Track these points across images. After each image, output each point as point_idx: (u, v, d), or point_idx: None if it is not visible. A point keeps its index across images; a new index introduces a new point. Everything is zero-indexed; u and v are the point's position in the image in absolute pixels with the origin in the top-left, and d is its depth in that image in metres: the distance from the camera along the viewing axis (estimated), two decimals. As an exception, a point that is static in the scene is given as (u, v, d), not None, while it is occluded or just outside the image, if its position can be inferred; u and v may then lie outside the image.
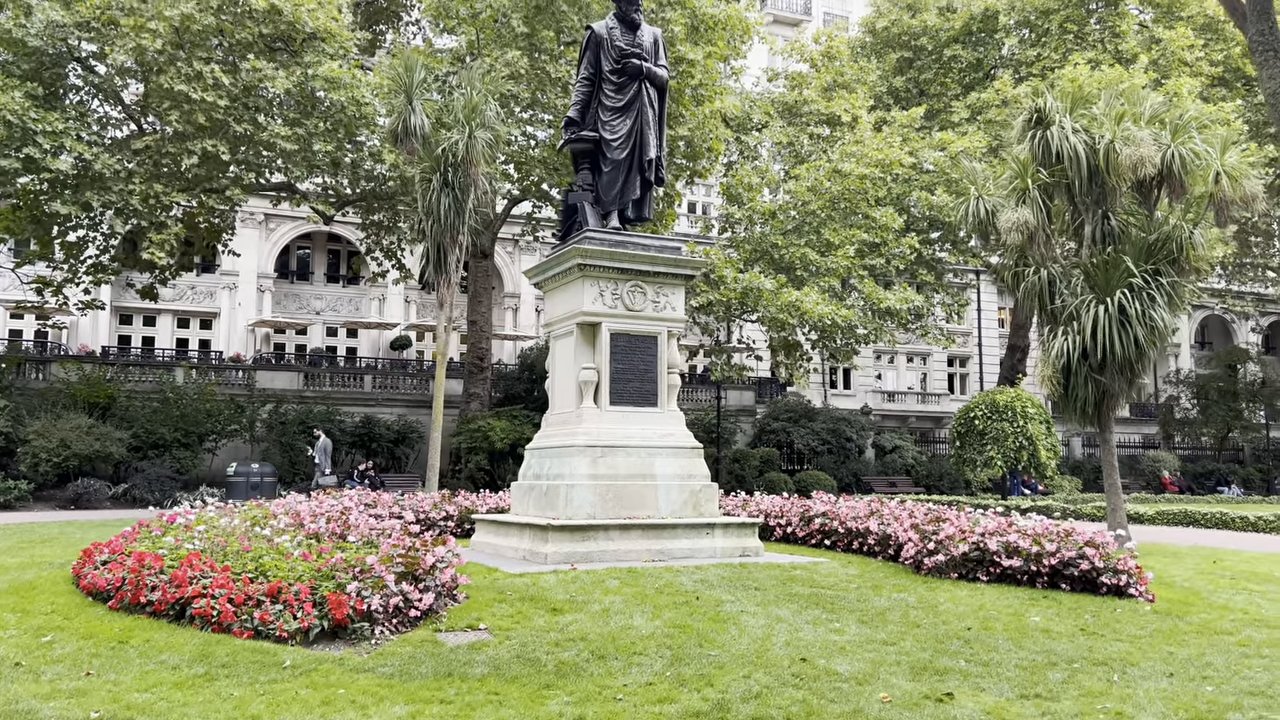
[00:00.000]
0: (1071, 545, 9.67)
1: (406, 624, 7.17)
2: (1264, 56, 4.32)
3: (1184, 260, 14.60)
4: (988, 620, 8.01)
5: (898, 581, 9.83)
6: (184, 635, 6.87)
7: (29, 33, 20.49)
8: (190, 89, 20.51)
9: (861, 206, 28.39)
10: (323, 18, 22.42)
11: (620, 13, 12.20)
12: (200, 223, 28.11)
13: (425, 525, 13.72)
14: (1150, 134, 14.42)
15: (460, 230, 18.83)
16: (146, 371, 31.88)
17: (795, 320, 26.00)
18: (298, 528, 8.88)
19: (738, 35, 24.79)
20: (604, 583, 9.01)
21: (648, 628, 7.35)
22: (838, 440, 37.11)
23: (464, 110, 18.30)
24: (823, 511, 13.19)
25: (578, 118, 12.19)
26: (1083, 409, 15.03)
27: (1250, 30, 4.28)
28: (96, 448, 23.94)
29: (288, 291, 43.54)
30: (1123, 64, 30.87)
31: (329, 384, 34.79)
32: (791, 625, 7.54)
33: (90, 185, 21.06)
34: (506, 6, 22.71)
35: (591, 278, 11.31)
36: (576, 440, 11.02)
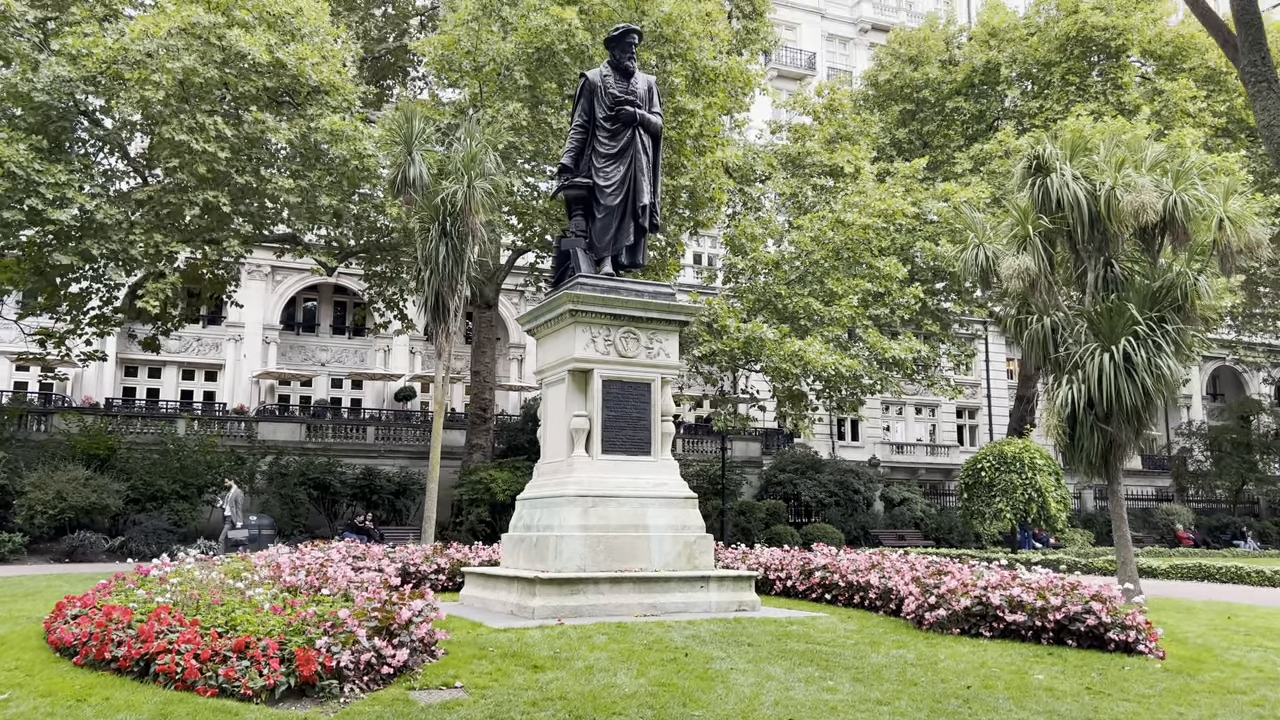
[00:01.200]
0: (1077, 599, 9.32)
1: (379, 681, 6.87)
2: (1257, 88, 4.22)
3: (1189, 308, 14.37)
4: (989, 678, 7.66)
5: (897, 637, 9.47)
6: (146, 693, 6.59)
7: (35, 87, 20.68)
8: (192, 140, 20.61)
9: (865, 256, 28.30)
10: (326, 71, 22.60)
11: (614, 60, 12.19)
12: (204, 274, 28.17)
13: (415, 578, 13.44)
14: (1151, 181, 14.28)
15: (459, 280, 18.72)
16: (148, 423, 31.74)
17: (798, 370, 25.75)
18: (275, 580, 8.61)
19: (739, 87, 24.90)
20: (591, 638, 8.69)
21: (631, 686, 7.03)
22: (845, 493, 36.64)
23: (463, 161, 18.31)
24: (823, 565, 12.85)
25: (571, 164, 12.12)
26: (1089, 460, 14.69)
27: (1242, 61, 4.20)
28: (93, 500, 23.71)
29: (293, 343, 43.52)
30: (1125, 115, 30.93)
31: (331, 435, 34.58)
32: (783, 684, 7.20)
33: (91, 235, 21.10)
34: (509, 59, 22.87)
35: (583, 324, 11.14)
36: (567, 490, 10.76)
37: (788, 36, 54.01)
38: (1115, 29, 31.60)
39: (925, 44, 35.29)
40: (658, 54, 23.12)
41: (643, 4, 23.08)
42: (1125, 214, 13.93)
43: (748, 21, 32.24)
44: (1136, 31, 31.77)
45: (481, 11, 23.13)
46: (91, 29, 21.27)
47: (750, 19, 32.34)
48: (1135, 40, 31.92)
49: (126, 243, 21.29)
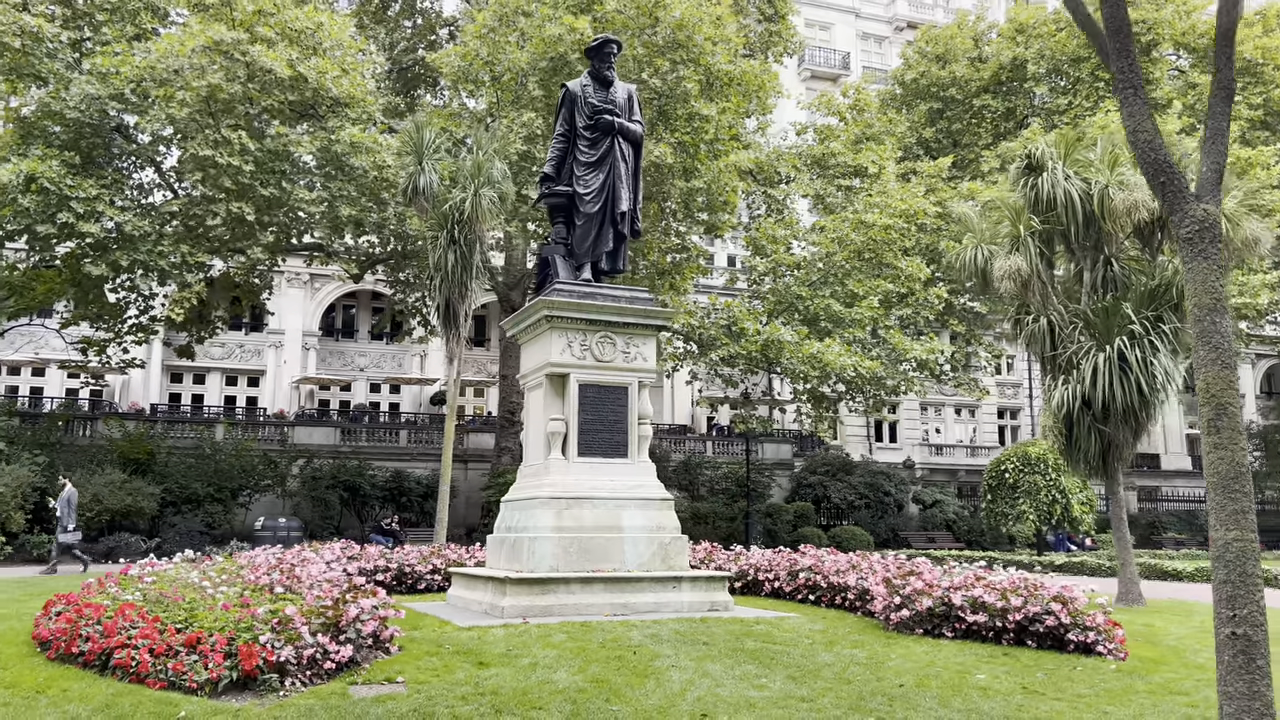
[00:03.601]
0: (1038, 601, 9.33)
1: (322, 676, 7.17)
2: (1124, 95, 4.21)
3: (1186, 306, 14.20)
4: (927, 678, 7.74)
5: (858, 637, 9.56)
6: (101, 686, 6.96)
7: (67, 105, 21.52)
8: (217, 154, 21.27)
9: (887, 257, 28.17)
10: (347, 84, 23.16)
11: (594, 70, 12.43)
12: (238, 281, 28.99)
13: (410, 579, 13.79)
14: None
15: (468, 286, 19.12)
16: (188, 428, 32.71)
17: (817, 372, 25.74)
18: (235, 578, 8.98)
19: (753, 90, 24.97)
20: (549, 637, 8.92)
21: (566, 682, 7.25)
22: (875, 495, 36.43)
23: (469, 170, 18.69)
24: (808, 565, 12.94)
25: (553, 173, 12.37)
26: (1087, 461, 14.62)
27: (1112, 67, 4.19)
28: (128, 503, 24.53)
29: (332, 349, 44.45)
30: (1156, 110, 30.41)
31: (364, 439, 35.28)
32: (715, 681, 7.37)
33: (121, 247, 21.89)
34: (524, 69, 23.23)
35: (559, 329, 11.38)
36: (541, 492, 11.01)
37: (821, 37, 53.89)
38: (1145, 23, 31.07)
39: (953, 42, 35.02)
40: (670, 59, 23.29)
41: (655, 10, 23.28)
42: (1119, 212, 13.84)
43: (769, 24, 32.24)
44: (1168, 25, 31.21)
45: (498, 23, 23.51)
46: (121, 48, 22.07)
47: (772, 22, 32.33)
48: (1166, 34, 31.36)
49: (155, 254, 22.03)
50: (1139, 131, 4.87)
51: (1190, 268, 4.81)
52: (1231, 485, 4.48)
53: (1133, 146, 4.94)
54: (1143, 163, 4.93)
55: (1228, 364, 4.61)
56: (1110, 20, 4.96)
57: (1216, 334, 4.65)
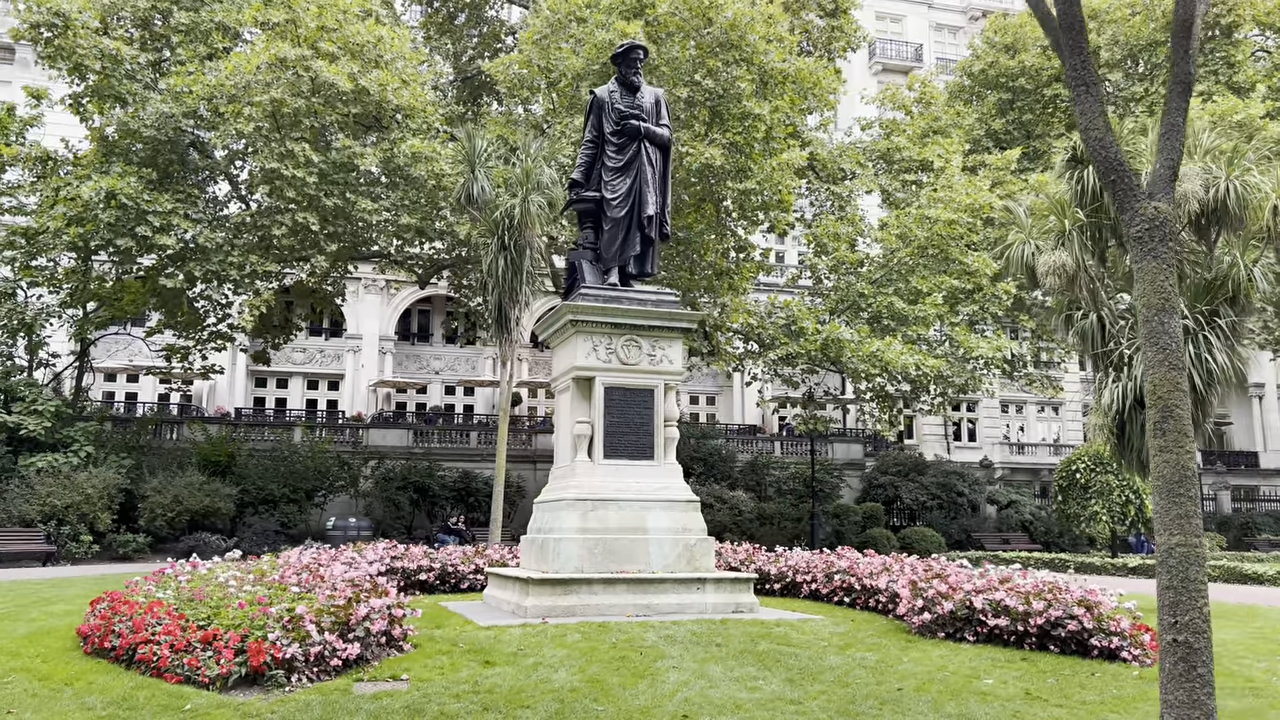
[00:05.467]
0: (1061, 605, 9.12)
1: (329, 672, 7.45)
2: (1077, 91, 4.08)
3: (1244, 300, 13.66)
4: (931, 682, 7.66)
5: (877, 640, 9.49)
6: (124, 679, 7.36)
7: (144, 124, 22.57)
8: (282, 166, 22.04)
9: (953, 253, 27.63)
10: (407, 95, 23.75)
11: (621, 77, 12.55)
12: (312, 288, 29.94)
13: (454, 578, 14.12)
14: (1200, 168, 13.64)
15: (519, 290, 19.44)
16: (268, 431, 33.91)
17: (877, 371, 25.39)
18: (264, 578, 9.35)
19: (808, 88, 24.76)
20: (564, 637, 9.07)
21: (562, 681, 7.39)
22: (948, 495, 35.72)
23: (518, 177, 19.00)
24: (844, 568, 12.85)
25: (582, 179, 12.54)
26: (1140, 460, 14.13)
27: (1065, 63, 4.06)
28: (206, 503, 25.57)
29: (408, 353, 45.50)
30: (1238, 94, 29.17)
31: (436, 441, 36.03)
32: (710, 682, 7.42)
33: (194, 258, 22.85)
34: (578, 74, 23.48)
35: (585, 333, 11.54)
36: (567, 494, 11.19)
37: (893, 29, 53.08)
38: (1225, 3, 29.81)
39: (1023, 30, 34.10)
40: (723, 60, 23.28)
41: (708, 12, 23.30)
42: (1167, 204, 13.35)
43: (831, 20, 31.91)
44: (1249, 5, 29.87)
45: (551, 30, 23.81)
46: (194, 68, 23.04)
47: (834, 17, 31.99)
48: (1248, 14, 30.02)
49: (226, 264, 22.94)
50: (1090, 129, 4.77)
51: (1139, 267, 4.69)
52: (1176, 489, 4.36)
53: (1085, 143, 4.84)
54: (1094, 159, 4.83)
55: (1175, 365, 4.48)
56: (1063, 17, 4.86)
57: (1165, 335, 4.53)
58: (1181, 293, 13.78)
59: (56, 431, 25.44)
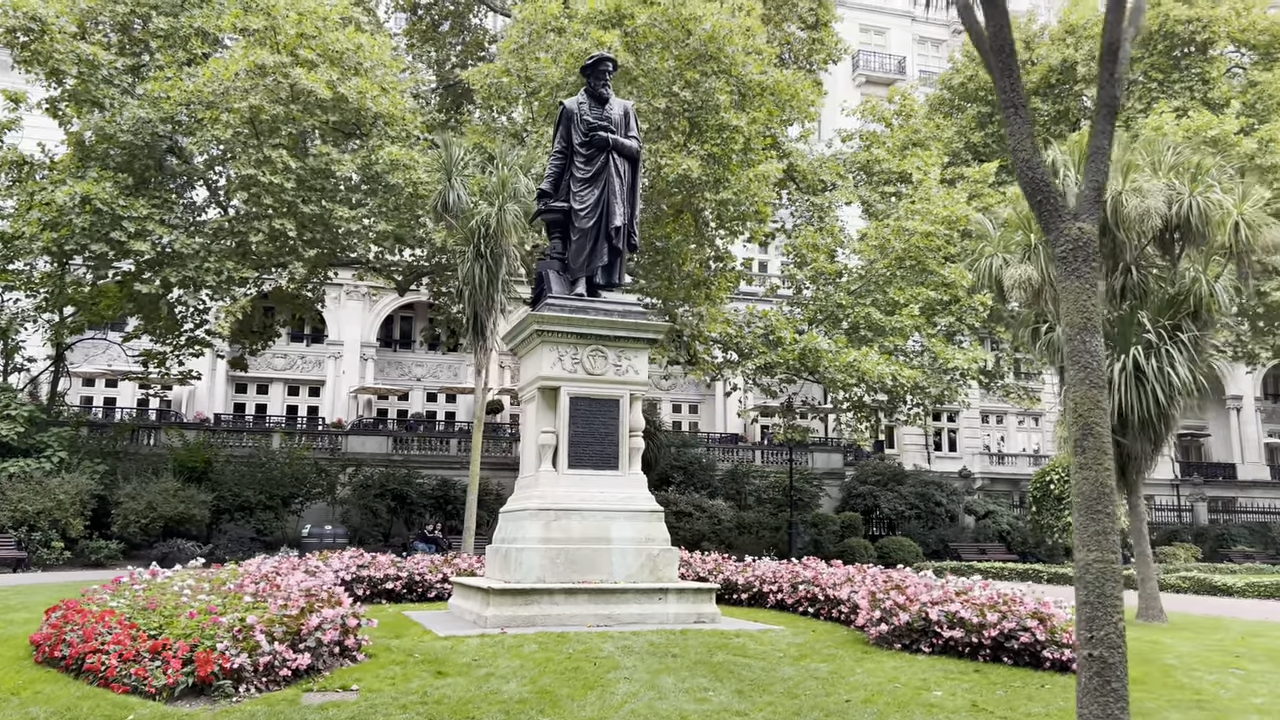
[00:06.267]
0: (1014, 617, 9.19)
1: (278, 683, 7.44)
2: (1007, 113, 4.13)
3: (1206, 315, 13.83)
4: (879, 694, 7.71)
5: (833, 651, 9.53)
6: (71, 689, 7.34)
7: (120, 129, 22.52)
8: (259, 173, 22.02)
9: (930, 264, 27.80)
10: (386, 103, 23.75)
11: (590, 88, 12.62)
12: (292, 293, 29.85)
13: (421, 587, 14.10)
14: (1163, 185, 13.81)
15: (494, 299, 19.46)
16: (246, 437, 33.78)
17: (854, 381, 25.52)
18: (220, 587, 9.33)
19: (786, 100, 24.89)
20: (521, 648, 9.08)
21: (511, 692, 7.40)
22: (926, 505, 35.87)
23: (494, 186, 19.04)
24: (809, 578, 12.90)
25: (551, 190, 12.58)
26: (1105, 472, 14.23)
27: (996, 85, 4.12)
28: (181, 510, 25.45)
29: (390, 359, 45.41)
30: (1213, 110, 29.49)
31: (415, 448, 35.97)
32: (659, 694, 7.45)
33: (169, 264, 22.79)
34: (557, 84, 23.54)
35: (550, 343, 11.58)
36: (531, 504, 11.21)
37: (876, 41, 53.40)
38: (1200, 21, 30.15)
39: (1002, 44, 34.38)
40: (701, 71, 23.38)
41: (687, 23, 23.40)
42: (1131, 219, 13.53)
43: (812, 32, 32.11)
44: (1224, 22, 30.22)
45: (529, 39, 23.88)
46: (173, 73, 23.00)
47: (815, 30, 32.19)
48: (1223, 31, 30.36)
49: (203, 270, 22.88)
50: (1019, 150, 4.85)
51: (1063, 286, 4.76)
52: (1094, 506, 4.43)
53: (1014, 164, 4.92)
54: (1021, 180, 4.90)
55: (1096, 384, 4.55)
56: (994, 40, 4.94)
57: (1087, 354, 4.60)
58: (1146, 307, 13.96)
59: (30, 437, 25.29)
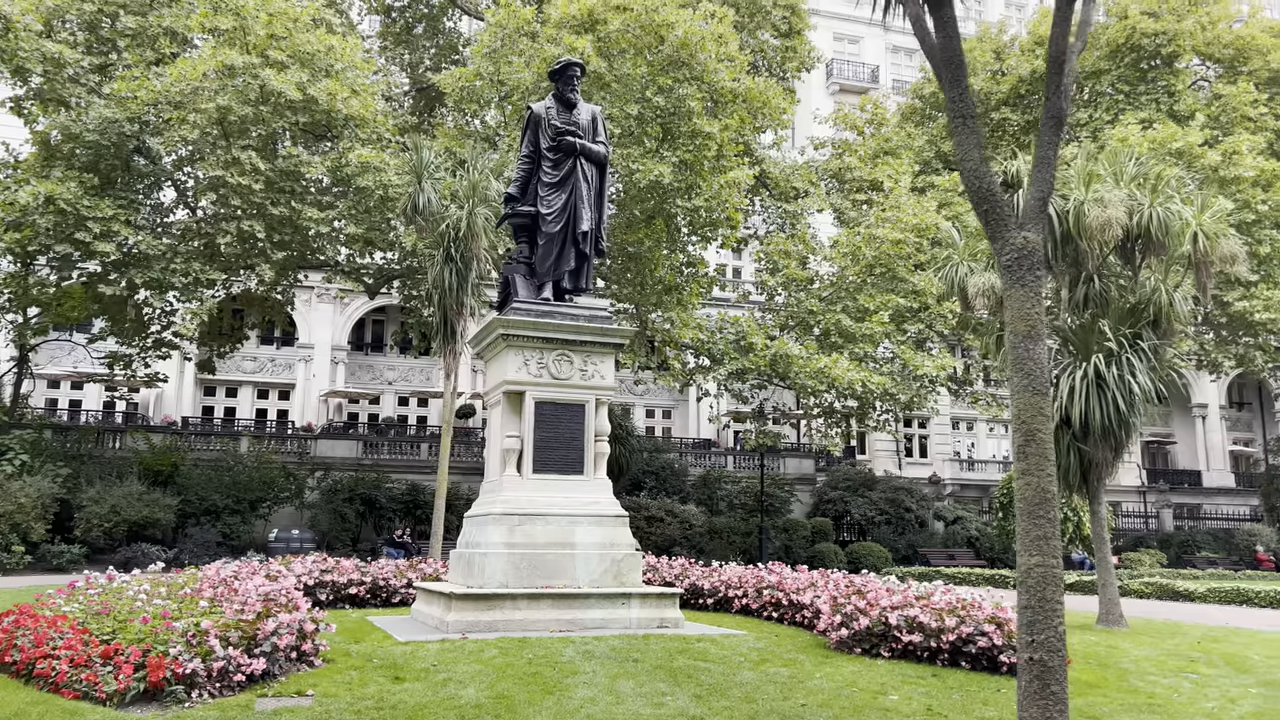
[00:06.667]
0: (972, 622, 9.28)
1: (232, 688, 7.38)
2: (955, 124, 4.19)
3: (1165, 324, 14.03)
4: (837, 698, 7.75)
5: (794, 656, 9.58)
6: (21, 694, 7.24)
7: (86, 128, 22.28)
8: (227, 174, 21.85)
9: (900, 272, 28.01)
10: (357, 105, 23.65)
11: (558, 93, 12.62)
12: (262, 295, 29.62)
13: (385, 592, 14.03)
14: (1124, 195, 14.00)
15: (464, 303, 19.41)
16: (214, 440, 33.47)
17: (824, 387, 25.65)
18: (176, 592, 9.25)
19: (758, 107, 25.02)
20: (482, 653, 9.05)
21: (469, 697, 7.38)
22: (896, 511, 36.12)
23: (465, 189, 19.01)
24: (773, 583, 12.95)
25: (518, 194, 12.56)
26: (1067, 479, 14.44)
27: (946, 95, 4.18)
28: (146, 514, 25.17)
29: (361, 363, 45.14)
30: (1178, 122, 29.93)
31: (386, 452, 35.81)
32: (617, 698, 7.45)
33: (135, 265, 22.57)
34: (529, 89, 23.54)
35: (516, 347, 11.56)
36: (495, 509, 11.18)
37: (850, 50, 53.80)
38: (1166, 34, 30.59)
39: (973, 54, 34.71)
40: (674, 78, 23.46)
41: (659, 30, 23.48)
42: (1093, 229, 13.70)
43: (785, 40, 32.30)
44: (1189, 36, 30.68)
45: (501, 44, 23.87)
46: (140, 73, 22.80)
47: (788, 38, 32.39)
48: (1188, 45, 30.83)
49: (169, 271, 22.67)
50: (966, 160, 4.91)
51: (1008, 294, 4.83)
52: (1036, 511, 4.49)
53: (961, 173, 4.98)
54: (969, 190, 4.96)
55: (1040, 391, 4.61)
56: (944, 52, 5.00)
57: (1030, 361, 4.66)
58: (1107, 316, 14.14)
59: (-9, 439, 24.97)
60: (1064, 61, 4.85)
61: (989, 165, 5.02)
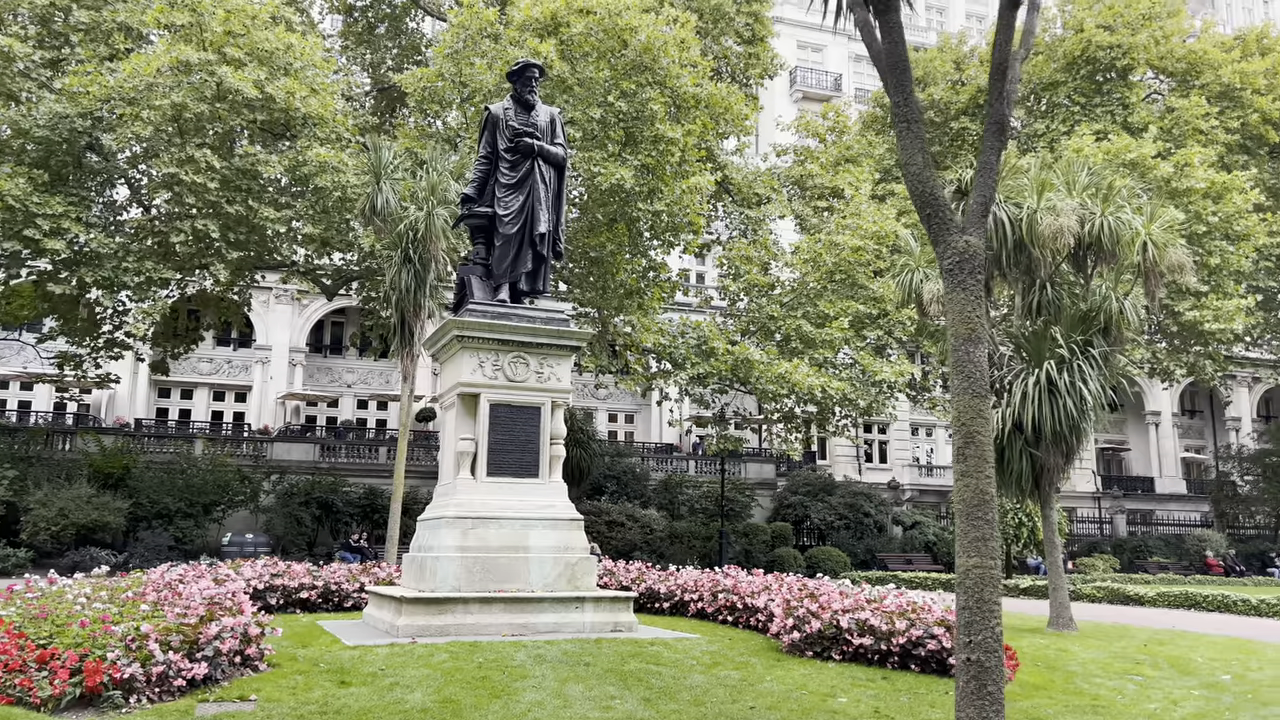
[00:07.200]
0: (922, 625, 9.34)
1: (172, 693, 7.24)
2: (899, 129, 4.24)
3: (1116, 331, 14.24)
4: (785, 700, 7.76)
5: (746, 659, 9.58)
6: (-48, 700, 7.04)
7: (36, 124, 21.84)
8: (181, 172, 21.52)
9: (860, 278, 28.23)
10: (315, 104, 23.39)
11: (516, 94, 12.57)
12: (218, 295, 29.20)
13: (337, 596, 13.85)
14: (1077, 204, 14.21)
15: (422, 304, 19.27)
16: (168, 443, 32.93)
17: (785, 392, 25.77)
18: (117, 595, 9.06)
19: (720, 113, 25.12)
20: (431, 657, 8.96)
21: (415, 702, 7.29)
22: (855, 515, 36.36)
23: (423, 190, 18.88)
24: (729, 587, 12.96)
25: (475, 195, 12.47)
26: (1019, 484, 14.61)
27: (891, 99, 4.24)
28: (95, 517, 24.69)
29: (320, 365, 44.65)
30: (1132, 134, 30.45)
31: (344, 456, 35.45)
32: (565, 702, 7.40)
33: (86, 264, 22.15)
34: (491, 91, 23.44)
35: (471, 349, 11.48)
36: (448, 512, 11.09)
37: (814, 59, 54.21)
38: (1120, 47, 31.14)
39: (933, 64, 35.17)
40: (636, 82, 23.47)
41: (622, 34, 23.48)
42: (1045, 237, 13.88)
43: (749, 47, 32.45)
44: (1143, 49, 31.25)
45: (463, 45, 23.75)
46: (93, 68, 22.39)
47: (751, 44, 32.55)
48: (1142, 58, 31.40)
49: (120, 270, 22.27)
50: (910, 164, 4.95)
51: (949, 298, 4.86)
52: (975, 513, 4.52)
53: (905, 177, 5.01)
54: (912, 194, 5.00)
55: (979, 394, 4.65)
56: (889, 56, 5.04)
57: (970, 364, 4.70)
58: (1060, 323, 14.32)
59: (-65, 441, 24.38)
60: (1007, 68, 4.91)
61: (933, 169, 5.06)
